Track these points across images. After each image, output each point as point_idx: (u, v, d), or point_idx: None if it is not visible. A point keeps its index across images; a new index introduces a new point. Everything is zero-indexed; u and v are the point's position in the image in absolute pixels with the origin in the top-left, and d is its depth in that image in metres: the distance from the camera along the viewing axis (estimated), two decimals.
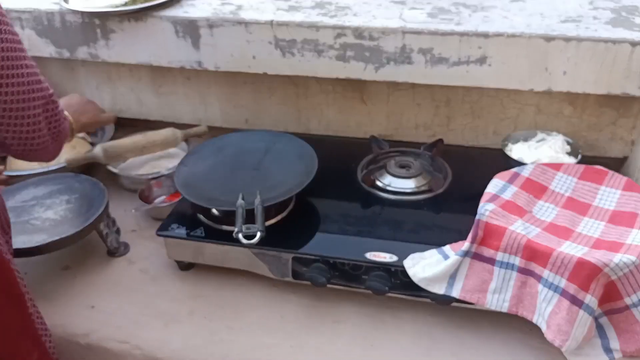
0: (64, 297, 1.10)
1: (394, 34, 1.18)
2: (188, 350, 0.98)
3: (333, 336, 0.99)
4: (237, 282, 1.10)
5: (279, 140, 1.23)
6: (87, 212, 1.12)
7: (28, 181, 1.22)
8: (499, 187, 1.03)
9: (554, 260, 0.88)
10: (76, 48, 1.39)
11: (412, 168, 1.20)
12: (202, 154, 1.21)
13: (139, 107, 1.53)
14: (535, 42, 1.13)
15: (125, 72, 1.47)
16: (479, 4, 1.28)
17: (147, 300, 1.08)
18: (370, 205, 1.15)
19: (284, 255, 1.03)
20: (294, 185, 1.08)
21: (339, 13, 1.25)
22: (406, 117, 1.37)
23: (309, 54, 1.25)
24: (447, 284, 0.95)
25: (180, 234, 1.08)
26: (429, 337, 0.98)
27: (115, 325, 1.03)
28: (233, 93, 1.44)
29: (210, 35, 1.27)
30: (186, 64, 1.33)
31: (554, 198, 1.04)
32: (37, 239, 1.06)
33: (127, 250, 1.19)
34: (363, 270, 1.00)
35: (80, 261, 1.17)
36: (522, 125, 1.31)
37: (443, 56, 1.18)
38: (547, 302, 0.89)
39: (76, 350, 1.03)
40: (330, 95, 1.39)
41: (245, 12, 1.28)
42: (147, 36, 1.31)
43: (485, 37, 1.14)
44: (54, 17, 1.36)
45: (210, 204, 1.06)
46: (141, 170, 1.37)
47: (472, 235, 0.94)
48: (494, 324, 0.98)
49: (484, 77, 1.19)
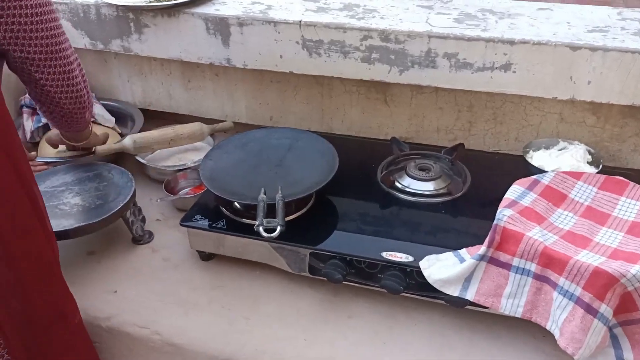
0: (88, 280, 1.14)
1: (420, 37, 1.19)
2: (206, 339, 1.01)
3: (347, 331, 1.01)
4: (255, 274, 1.12)
5: (302, 138, 1.26)
6: (114, 199, 1.15)
7: (58, 167, 1.26)
8: (518, 193, 1.03)
9: (570, 268, 0.88)
10: (110, 41, 1.43)
11: (431, 171, 1.21)
12: (227, 148, 1.24)
13: (168, 100, 1.56)
14: (561, 51, 1.13)
15: (156, 66, 1.51)
16: (505, 11, 1.28)
17: (168, 287, 1.11)
18: (389, 206, 1.17)
19: (301, 251, 1.05)
20: (315, 182, 1.10)
21: (366, 15, 1.27)
22: (428, 120, 1.38)
23: (335, 55, 1.27)
24: (462, 286, 0.96)
25: (202, 225, 1.11)
26: (442, 338, 0.99)
27: (136, 311, 1.07)
28: (259, 91, 1.47)
29: (240, 33, 1.30)
30: (215, 60, 1.36)
31: (573, 207, 1.04)
32: (64, 224, 1.10)
33: (151, 239, 1.22)
34: (379, 269, 1.01)
35: (106, 247, 1.21)
36: (544, 133, 1.31)
37: (468, 61, 1.19)
38: (562, 310, 0.89)
39: (97, 332, 1.07)
40: (354, 96, 1.41)
41: (275, 11, 1.30)
42: (179, 32, 1.35)
43: (511, 44, 1.15)
44: (90, 10, 1.40)
45: (233, 197, 1.09)
46: (168, 162, 1.40)
47: (489, 240, 0.95)
48: (507, 329, 0.99)
49: (508, 84, 1.19)
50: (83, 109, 1.06)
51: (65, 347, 0.97)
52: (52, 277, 0.93)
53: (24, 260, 0.88)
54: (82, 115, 1.08)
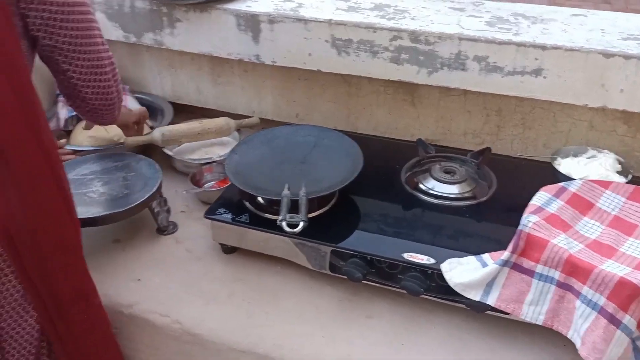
0: (112, 268, 1.16)
1: (450, 39, 1.19)
2: (225, 330, 1.02)
3: (365, 331, 1.01)
4: (276, 269, 1.13)
5: (327, 136, 1.26)
6: (141, 189, 1.17)
7: (88, 156, 1.29)
8: (545, 200, 1.02)
9: (594, 278, 0.87)
10: (142, 34, 1.45)
11: (456, 174, 1.20)
12: (252, 144, 1.25)
13: (197, 95, 1.58)
14: (594, 58, 1.12)
15: (186, 60, 1.53)
16: (538, 16, 1.27)
17: (190, 278, 1.12)
18: (412, 207, 1.17)
19: (323, 248, 1.05)
20: (339, 180, 1.10)
21: (397, 16, 1.27)
22: (455, 123, 1.38)
23: (363, 54, 1.27)
24: (484, 291, 0.96)
25: (226, 219, 1.12)
26: (461, 342, 0.99)
27: (158, 300, 1.08)
28: (286, 88, 1.48)
29: (270, 30, 1.31)
30: (245, 56, 1.38)
31: (599, 216, 1.03)
32: (92, 211, 1.13)
33: (175, 230, 1.24)
34: (399, 269, 1.01)
35: (131, 236, 1.23)
36: (573, 140, 1.29)
37: (498, 65, 1.18)
38: (584, 319, 0.88)
39: (119, 319, 1.09)
40: (381, 96, 1.41)
41: (306, 9, 1.31)
42: (210, 27, 1.37)
43: (542, 49, 1.14)
44: (124, 3, 1.43)
45: (257, 192, 1.10)
46: (194, 155, 1.42)
47: (512, 246, 0.94)
48: (528, 336, 0.98)
49: (538, 89, 1.18)
50: (110, 107, 1.05)
51: (87, 326, 0.99)
52: (75, 260, 0.95)
53: (49, 242, 0.90)
54: (110, 113, 1.07)
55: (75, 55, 0.94)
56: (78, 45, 0.93)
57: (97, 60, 0.98)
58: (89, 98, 1.01)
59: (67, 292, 0.95)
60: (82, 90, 0.99)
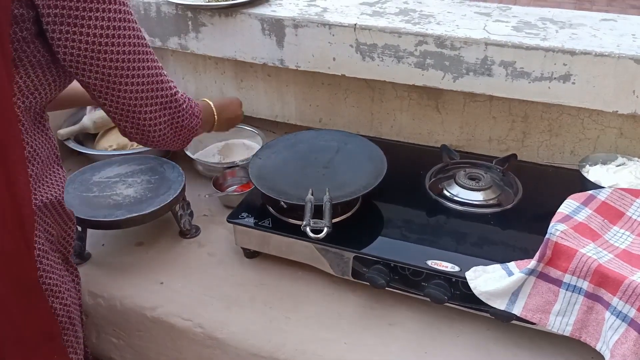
0: (136, 270, 1.17)
1: (477, 44, 1.17)
2: (247, 335, 1.02)
3: (388, 338, 1.00)
4: (298, 275, 1.13)
5: (351, 141, 1.26)
6: (165, 193, 1.18)
7: (113, 159, 1.31)
8: (573, 208, 1.00)
9: (625, 288, 0.85)
10: (168, 38, 1.47)
11: (481, 181, 1.19)
12: (276, 148, 1.25)
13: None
14: (624, 63, 1.09)
15: (211, 64, 1.54)
16: (567, 21, 1.25)
17: (213, 282, 1.13)
18: (436, 214, 1.15)
19: (345, 254, 1.05)
20: (362, 186, 1.10)
21: (422, 21, 1.26)
22: (480, 129, 1.36)
23: (388, 59, 1.26)
24: (509, 300, 0.94)
25: (249, 223, 1.12)
26: (485, 352, 0.97)
27: (181, 303, 1.09)
28: (310, 92, 1.48)
29: (294, 35, 1.31)
30: (269, 61, 1.38)
31: (630, 225, 1.00)
32: (116, 214, 1.14)
33: (198, 233, 1.25)
34: (423, 277, 1.00)
35: (154, 239, 1.24)
36: (602, 148, 1.27)
37: (525, 70, 1.16)
38: (614, 331, 0.86)
39: (142, 321, 1.10)
40: (405, 101, 1.40)
41: (330, 14, 1.31)
42: (235, 32, 1.37)
43: (571, 54, 1.12)
44: (150, 7, 1.44)
45: (281, 196, 1.10)
46: (217, 159, 1.43)
47: (539, 254, 0.92)
48: (554, 347, 0.96)
49: (566, 95, 1.16)
50: (170, 144, 0.96)
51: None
52: (33, 299, 0.85)
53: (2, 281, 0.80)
54: (172, 145, 0.98)
55: (110, 92, 0.86)
56: (111, 83, 0.84)
57: (133, 100, 0.87)
58: (129, 132, 0.92)
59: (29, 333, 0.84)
60: (121, 124, 0.91)
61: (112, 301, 1.12)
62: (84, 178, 1.24)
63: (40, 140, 0.87)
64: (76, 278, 1.01)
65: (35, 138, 0.86)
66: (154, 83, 0.89)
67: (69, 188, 1.19)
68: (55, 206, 0.90)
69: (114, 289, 1.13)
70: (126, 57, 0.84)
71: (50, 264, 0.87)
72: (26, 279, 0.83)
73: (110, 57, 0.82)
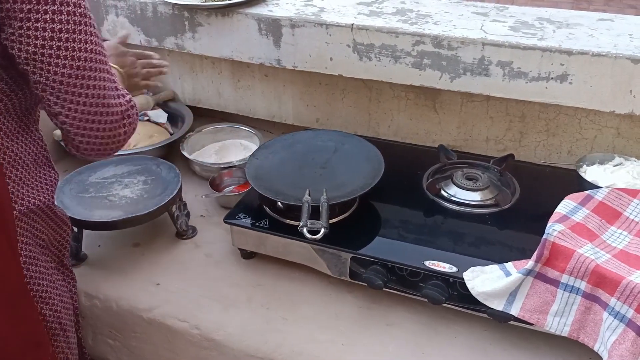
0: (132, 271, 1.16)
1: (474, 44, 1.17)
2: (244, 336, 1.02)
3: (385, 339, 1.00)
4: (295, 275, 1.12)
5: (348, 142, 1.25)
6: (161, 193, 1.18)
7: (110, 160, 1.30)
8: (570, 208, 1.00)
9: (622, 289, 0.85)
10: (164, 38, 1.46)
11: (479, 181, 1.19)
12: (273, 148, 1.25)
13: (217, 99, 1.59)
14: (622, 63, 1.09)
15: (207, 64, 1.54)
16: (564, 21, 1.25)
17: (209, 283, 1.12)
18: (433, 214, 1.15)
19: (343, 255, 1.04)
20: (359, 186, 1.09)
21: (419, 21, 1.26)
22: (477, 129, 1.36)
23: (385, 59, 1.26)
24: (507, 300, 0.94)
25: (245, 224, 1.11)
26: (483, 353, 0.97)
27: (178, 304, 1.08)
28: (307, 92, 1.47)
29: (291, 35, 1.31)
30: (266, 61, 1.37)
31: (627, 225, 1.00)
32: (112, 215, 1.13)
33: (195, 234, 1.24)
34: (421, 277, 1.00)
35: (150, 240, 1.24)
36: (599, 148, 1.27)
37: (522, 70, 1.16)
38: (612, 331, 0.86)
39: (138, 323, 1.09)
40: (403, 101, 1.39)
41: (327, 14, 1.31)
42: (232, 32, 1.37)
43: (568, 54, 1.12)
44: (147, 7, 1.44)
45: (277, 197, 1.09)
46: (213, 159, 1.42)
47: (537, 255, 0.92)
48: (551, 348, 0.96)
49: (564, 95, 1.16)
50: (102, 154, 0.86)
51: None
52: (21, 306, 0.82)
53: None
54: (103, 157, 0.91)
55: (69, 96, 0.76)
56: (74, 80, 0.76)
57: (98, 106, 0.79)
58: (83, 148, 0.83)
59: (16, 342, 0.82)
60: (76, 139, 0.81)
61: (108, 302, 1.11)
62: (80, 179, 1.23)
63: (24, 143, 0.84)
64: (72, 281, 1.01)
65: (17, 141, 0.83)
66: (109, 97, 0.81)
67: (65, 189, 1.19)
68: (45, 210, 0.88)
69: (110, 290, 1.12)
70: (81, 72, 0.77)
71: (39, 269, 0.86)
72: (12, 286, 0.80)
73: (70, 54, 0.75)
